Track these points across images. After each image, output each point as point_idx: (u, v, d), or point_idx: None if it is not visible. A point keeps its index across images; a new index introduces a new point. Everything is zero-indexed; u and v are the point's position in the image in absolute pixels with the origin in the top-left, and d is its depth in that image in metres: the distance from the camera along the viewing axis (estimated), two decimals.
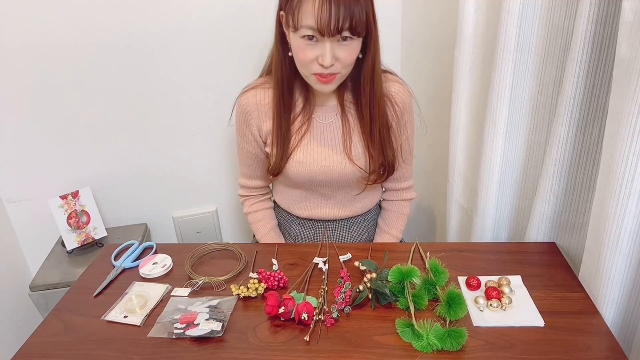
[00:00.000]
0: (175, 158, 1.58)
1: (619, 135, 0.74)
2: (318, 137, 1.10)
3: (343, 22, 0.88)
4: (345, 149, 1.09)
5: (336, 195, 1.17)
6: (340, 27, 0.88)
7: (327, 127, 1.10)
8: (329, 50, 0.91)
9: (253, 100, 1.10)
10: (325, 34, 0.89)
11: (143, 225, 1.63)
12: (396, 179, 1.20)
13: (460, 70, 1.14)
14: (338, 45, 0.92)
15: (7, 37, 1.33)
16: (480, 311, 0.86)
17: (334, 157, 1.09)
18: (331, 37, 0.90)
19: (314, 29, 0.89)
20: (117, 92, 1.45)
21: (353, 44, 0.94)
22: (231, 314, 0.88)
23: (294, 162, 1.09)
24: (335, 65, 0.94)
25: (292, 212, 1.23)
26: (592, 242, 0.87)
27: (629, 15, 0.71)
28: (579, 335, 0.80)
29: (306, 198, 1.19)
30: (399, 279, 0.89)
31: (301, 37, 0.92)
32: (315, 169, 1.09)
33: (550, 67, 0.98)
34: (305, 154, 1.09)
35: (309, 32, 0.90)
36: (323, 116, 1.10)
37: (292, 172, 1.10)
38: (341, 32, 0.89)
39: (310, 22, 0.88)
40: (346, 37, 0.91)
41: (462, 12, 1.08)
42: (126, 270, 1.04)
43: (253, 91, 1.10)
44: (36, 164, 1.50)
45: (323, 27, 0.88)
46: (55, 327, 0.88)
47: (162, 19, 1.37)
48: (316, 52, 0.92)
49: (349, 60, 0.95)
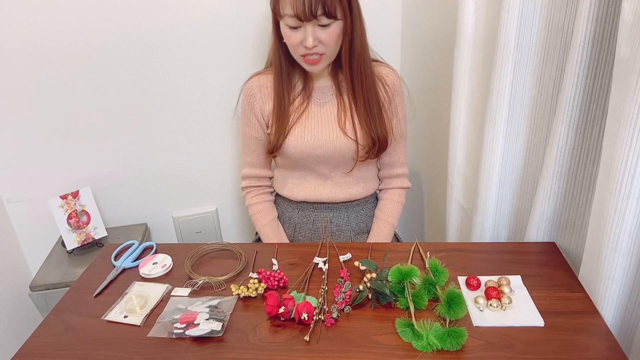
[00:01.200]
0: (175, 158, 1.58)
1: (619, 135, 0.74)
2: (315, 115, 1.19)
3: (315, 7, 1.00)
4: (340, 124, 1.17)
5: (333, 176, 1.23)
6: (314, 11, 1.00)
7: (324, 105, 1.19)
8: (310, 33, 1.04)
9: (257, 84, 1.21)
10: (303, 19, 1.01)
11: (143, 225, 1.63)
12: (389, 165, 1.28)
13: (460, 70, 1.14)
14: (319, 29, 1.04)
15: (6, 37, 1.33)
16: (480, 311, 0.86)
17: (329, 132, 1.17)
18: (310, 22, 1.02)
19: (293, 16, 1.01)
20: (117, 92, 1.45)
21: (332, 27, 1.05)
22: (231, 314, 0.88)
23: (292, 137, 1.17)
24: (318, 46, 1.06)
25: (290, 197, 1.27)
26: (592, 242, 0.87)
27: (629, 15, 0.71)
28: (579, 335, 0.80)
29: (305, 179, 1.25)
30: (399, 279, 0.89)
31: (286, 24, 1.05)
32: (311, 143, 1.17)
33: (550, 67, 0.98)
34: (302, 130, 1.18)
35: (290, 20, 1.03)
36: (320, 96, 1.20)
37: (290, 148, 1.18)
38: (317, 16, 1.01)
39: (289, 10, 1.02)
40: (325, 22, 1.03)
41: (462, 12, 1.08)
42: (126, 270, 1.04)
43: (257, 77, 1.22)
44: (36, 164, 1.50)
45: (300, 13, 1.00)
46: (55, 327, 0.88)
47: (161, 18, 1.37)
48: (300, 37, 1.05)
49: (330, 41, 1.06)
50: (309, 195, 1.24)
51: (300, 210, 1.27)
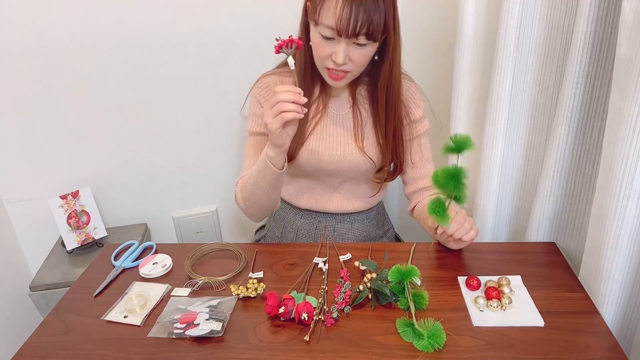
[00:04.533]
0: (175, 158, 1.58)
1: (619, 135, 0.74)
2: (331, 126, 1.12)
3: (361, 27, 0.90)
4: (357, 140, 1.11)
5: (342, 188, 1.18)
6: (357, 31, 0.91)
7: (340, 118, 1.13)
8: (343, 50, 0.94)
9: (273, 83, 1.12)
10: (343, 35, 0.91)
11: (143, 225, 1.63)
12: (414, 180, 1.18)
13: (460, 70, 1.14)
14: (353, 47, 0.95)
15: (7, 38, 1.33)
16: (480, 311, 0.86)
17: (345, 147, 1.11)
18: (347, 39, 0.93)
19: (333, 28, 0.92)
20: (117, 92, 1.45)
21: (367, 48, 0.96)
22: (231, 314, 0.88)
23: (306, 150, 1.11)
24: (347, 64, 0.98)
25: (293, 204, 1.23)
26: (592, 242, 0.87)
27: (629, 16, 0.71)
28: (579, 335, 0.80)
29: (312, 189, 1.20)
30: (399, 279, 0.89)
31: (320, 33, 0.95)
32: (325, 158, 1.11)
33: (550, 67, 0.98)
34: (317, 142, 1.11)
35: (327, 30, 0.93)
36: (336, 107, 1.13)
37: (303, 160, 1.12)
38: (357, 36, 0.92)
39: (330, 22, 0.91)
40: (362, 42, 0.94)
41: (462, 12, 1.08)
42: (126, 270, 1.04)
43: (273, 76, 1.14)
44: (36, 164, 1.50)
45: (341, 29, 0.90)
46: (55, 327, 0.88)
47: (162, 19, 1.37)
48: (331, 49, 0.96)
49: (361, 62, 0.98)
50: (314, 205, 1.20)
51: (303, 217, 1.24)
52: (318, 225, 1.23)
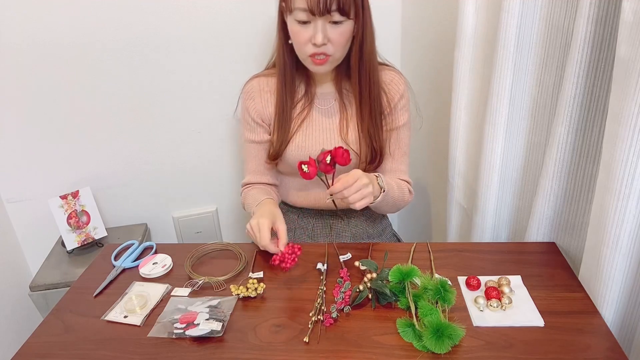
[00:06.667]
0: (175, 158, 1.58)
1: (619, 135, 0.74)
2: (317, 122, 1.15)
3: (331, 1, 0.96)
4: (342, 133, 1.14)
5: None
6: (328, 6, 0.96)
7: (326, 112, 1.16)
8: (320, 28, 0.99)
9: (257, 87, 1.17)
10: (316, 12, 0.96)
11: (143, 225, 1.63)
12: (390, 171, 1.18)
13: (460, 70, 1.14)
14: (330, 27, 1.00)
15: (7, 37, 1.33)
16: (480, 311, 0.86)
17: (331, 141, 1.14)
18: (322, 17, 0.98)
19: (305, 9, 0.97)
20: (117, 92, 1.45)
21: (343, 26, 1.01)
22: (231, 314, 0.88)
23: (293, 146, 1.14)
24: (327, 45, 1.01)
25: (290, 203, 1.25)
26: (592, 242, 0.87)
27: (629, 16, 0.71)
28: (579, 335, 0.80)
29: (305, 186, 1.21)
30: (399, 279, 0.89)
31: (296, 19, 1.00)
32: (313, 153, 1.11)
33: (550, 67, 0.98)
34: (304, 137, 1.14)
35: (301, 14, 0.98)
36: (322, 102, 1.16)
37: (291, 156, 1.14)
38: (330, 11, 0.97)
39: (301, 4, 0.97)
40: (337, 19, 0.99)
41: (462, 12, 1.08)
42: (126, 270, 1.04)
43: (257, 79, 1.18)
44: (36, 164, 1.50)
45: (313, 6, 0.96)
46: (55, 327, 0.88)
47: (162, 18, 1.37)
48: (309, 33, 1.00)
49: (340, 40, 1.02)
50: (309, 203, 1.23)
51: (299, 215, 1.26)
52: (315, 223, 1.24)
